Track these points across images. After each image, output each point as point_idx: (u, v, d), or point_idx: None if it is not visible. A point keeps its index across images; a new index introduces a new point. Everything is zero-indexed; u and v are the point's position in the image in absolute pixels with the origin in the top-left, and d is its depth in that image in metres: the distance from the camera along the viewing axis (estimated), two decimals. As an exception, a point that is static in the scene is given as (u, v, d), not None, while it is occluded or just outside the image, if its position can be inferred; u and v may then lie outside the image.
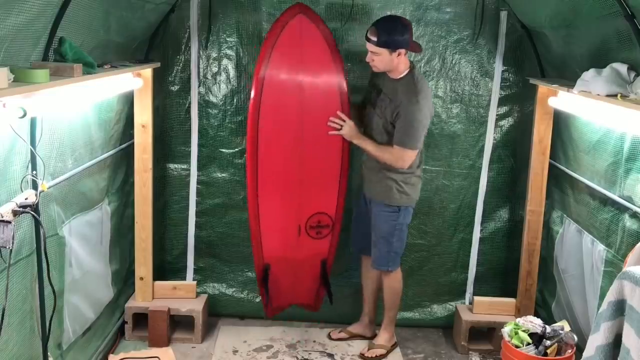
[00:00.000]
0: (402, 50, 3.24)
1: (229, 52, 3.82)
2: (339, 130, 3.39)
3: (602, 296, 2.73)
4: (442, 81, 3.84)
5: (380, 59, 3.25)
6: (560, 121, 3.51)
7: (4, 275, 2.24)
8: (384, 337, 3.75)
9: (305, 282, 3.70)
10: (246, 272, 4.01)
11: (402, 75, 3.31)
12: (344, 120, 3.38)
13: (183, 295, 3.82)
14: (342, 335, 3.83)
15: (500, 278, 4.06)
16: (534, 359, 3.05)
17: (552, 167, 3.60)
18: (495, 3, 3.72)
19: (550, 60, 3.58)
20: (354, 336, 3.85)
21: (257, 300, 4.03)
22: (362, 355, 3.69)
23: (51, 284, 2.60)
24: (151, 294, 3.76)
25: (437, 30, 3.78)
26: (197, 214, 3.95)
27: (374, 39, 3.22)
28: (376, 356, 3.68)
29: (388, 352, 3.72)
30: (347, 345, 3.81)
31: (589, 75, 2.69)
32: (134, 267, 3.73)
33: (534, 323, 3.21)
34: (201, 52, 3.81)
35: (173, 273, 4.04)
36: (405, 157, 3.30)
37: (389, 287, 3.67)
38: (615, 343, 2.10)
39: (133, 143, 3.59)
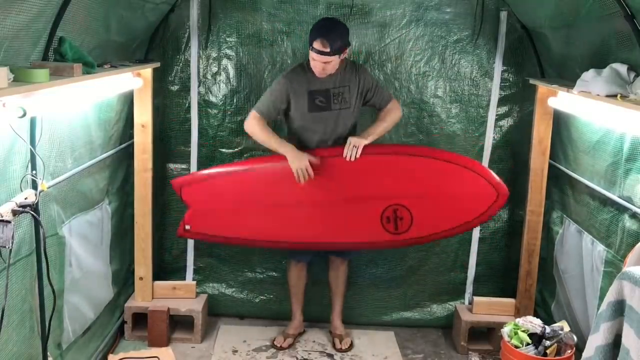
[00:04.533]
0: (347, 49, 3.28)
1: (229, 52, 3.82)
2: (357, 152, 3.28)
3: (601, 296, 2.73)
4: (442, 81, 3.84)
5: (333, 65, 3.23)
6: (560, 121, 3.51)
7: (4, 275, 2.24)
8: (342, 324, 3.82)
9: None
10: (246, 272, 4.02)
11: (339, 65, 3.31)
12: (352, 145, 3.29)
13: (183, 295, 3.83)
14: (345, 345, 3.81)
15: (499, 278, 4.06)
16: (534, 359, 3.05)
17: (552, 168, 3.60)
18: (495, 3, 3.72)
19: (550, 60, 3.58)
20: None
21: (257, 300, 4.03)
22: (340, 349, 3.71)
23: (51, 284, 2.60)
24: (151, 294, 3.76)
25: (437, 31, 3.78)
26: (197, 213, 3.95)
27: (327, 50, 3.14)
28: (350, 344, 3.77)
29: None
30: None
31: (588, 75, 2.69)
32: (134, 267, 3.73)
33: (534, 323, 3.21)
34: (201, 52, 3.81)
35: (173, 273, 4.04)
36: (398, 104, 3.53)
37: (346, 275, 3.77)
38: (615, 343, 2.10)
39: (133, 143, 3.59)
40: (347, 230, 3.41)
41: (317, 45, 3.14)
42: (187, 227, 3.44)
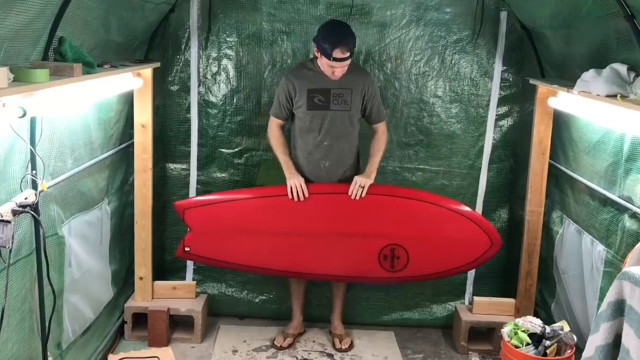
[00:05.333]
0: None
1: (228, 52, 3.82)
2: (362, 192, 3.38)
3: (601, 296, 2.72)
4: (442, 81, 3.84)
5: (345, 67, 3.27)
6: (560, 121, 3.51)
7: (4, 275, 2.24)
8: (342, 324, 3.83)
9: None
10: (245, 272, 4.01)
11: None
12: (359, 184, 3.37)
13: (183, 295, 3.82)
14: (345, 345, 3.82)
15: (499, 278, 4.06)
16: (534, 359, 3.05)
17: (551, 168, 3.60)
18: (495, 3, 3.72)
19: (550, 60, 3.57)
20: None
21: (257, 300, 4.03)
22: (340, 349, 3.72)
23: (51, 284, 2.60)
24: (151, 294, 3.75)
25: (437, 31, 3.78)
26: (197, 213, 3.95)
27: (347, 55, 3.19)
28: (350, 344, 3.78)
29: None
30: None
31: (588, 75, 2.69)
32: (134, 267, 3.73)
33: (534, 323, 3.20)
34: (201, 52, 3.81)
35: (173, 273, 4.04)
36: (386, 127, 3.58)
37: None
38: (615, 343, 2.10)
39: (133, 143, 3.59)
40: (344, 264, 3.51)
41: (337, 54, 3.17)
42: (187, 249, 3.52)
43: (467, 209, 3.55)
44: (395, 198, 3.49)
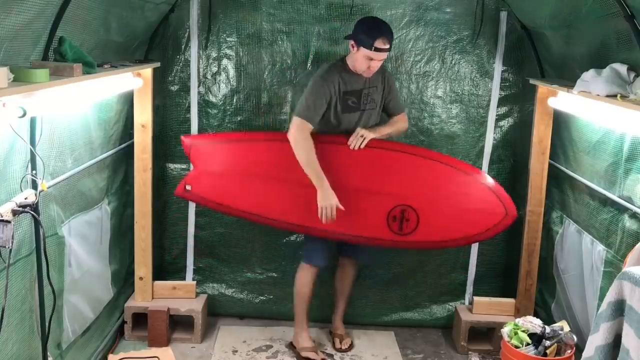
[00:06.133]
0: None
1: (228, 52, 3.82)
2: (362, 143, 3.28)
3: (601, 296, 2.73)
4: (442, 81, 3.84)
5: (382, 61, 3.27)
6: (560, 121, 3.51)
7: (4, 275, 2.24)
8: (343, 325, 3.83)
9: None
10: (245, 272, 4.01)
11: None
12: (360, 134, 3.29)
13: (183, 295, 3.82)
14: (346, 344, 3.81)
15: (499, 278, 4.06)
16: (534, 359, 3.05)
17: (551, 168, 3.60)
18: (495, 3, 3.72)
19: (550, 60, 3.57)
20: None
21: (257, 300, 4.03)
22: (340, 349, 3.72)
23: (50, 284, 2.60)
24: (151, 294, 3.76)
25: (437, 31, 3.78)
26: (197, 214, 3.95)
27: (387, 46, 3.19)
28: (350, 344, 3.78)
29: None
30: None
31: (588, 75, 2.69)
32: (134, 267, 3.73)
33: (534, 323, 3.20)
34: (201, 52, 3.81)
35: (173, 273, 4.04)
36: (406, 118, 3.60)
37: (354, 278, 3.77)
38: (615, 343, 2.10)
39: (133, 143, 3.59)
40: (350, 221, 3.28)
41: (379, 44, 3.14)
42: (188, 187, 3.36)
43: (485, 175, 3.44)
44: (410, 155, 3.36)
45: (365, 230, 3.36)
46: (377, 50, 3.16)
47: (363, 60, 3.22)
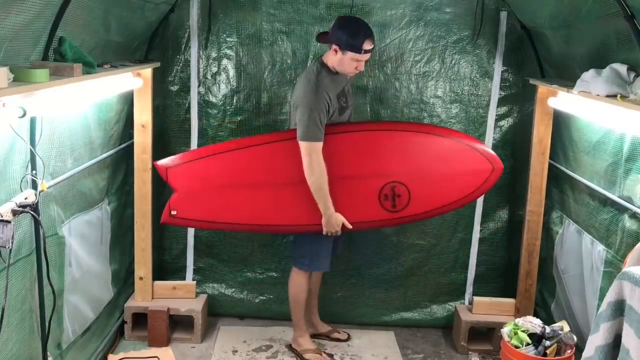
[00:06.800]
0: None
1: (228, 52, 3.82)
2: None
3: (601, 296, 2.73)
4: (442, 81, 3.84)
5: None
6: (560, 121, 3.51)
7: (4, 275, 2.24)
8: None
9: None
10: (245, 272, 4.02)
11: None
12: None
13: (182, 295, 3.83)
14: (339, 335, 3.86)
15: (499, 278, 4.06)
16: (534, 359, 3.05)
17: (551, 168, 3.60)
18: (495, 3, 3.72)
19: (550, 60, 3.58)
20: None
21: (257, 300, 4.03)
22: (339, 339, 3.82)
23: (50, 284, 2.60)
24: (151, 294, 3.76)
25: (437, 31, 3.78)
26: (197, 214, 3.95)
27: (373, 46, 3.21)
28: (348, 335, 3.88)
29: None
30: (347, 345, 3.81)
31: (588, 75, 2.69)
32: (134, 267, 3.73)
33: (534, 323, 3.21)
34: (201, 52, 3.81)
35: (172, 273, 4.04)
36: None
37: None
38: (615, 343, 2.10)
39: (133, 143, 3.59)
40: (343, 210, 3.25)
41: (367, 45, 3.15)
42: (174, 212, 3.29)
43: (463, 134, 3.46)
44: (387, 132, 3.35)
45: (362, 216, 3.33)
46: (366, 51, 3.18)
47: (351, 63, 3.19)
